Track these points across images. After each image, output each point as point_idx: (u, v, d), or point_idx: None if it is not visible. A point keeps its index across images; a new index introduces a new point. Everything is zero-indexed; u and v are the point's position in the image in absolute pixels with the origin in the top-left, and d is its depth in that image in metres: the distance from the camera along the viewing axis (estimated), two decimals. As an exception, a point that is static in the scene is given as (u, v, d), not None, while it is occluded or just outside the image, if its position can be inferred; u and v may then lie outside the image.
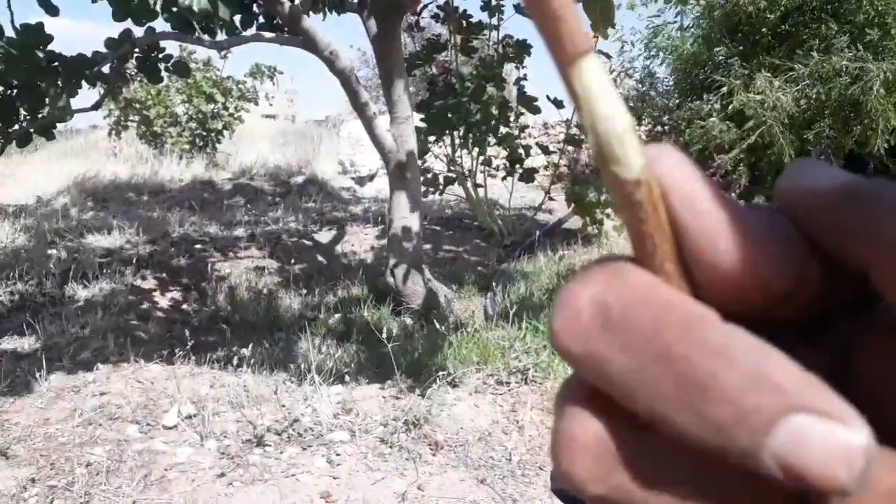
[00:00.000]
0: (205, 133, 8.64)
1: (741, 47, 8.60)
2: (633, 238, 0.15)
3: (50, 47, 3.86)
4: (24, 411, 2.84)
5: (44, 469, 2.40)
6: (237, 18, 4.47)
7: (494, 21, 5.55)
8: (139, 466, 2.43)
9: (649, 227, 0.15)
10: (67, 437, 2.62)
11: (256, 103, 9.37)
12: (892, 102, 6.99)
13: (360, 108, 4.24)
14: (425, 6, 5.39)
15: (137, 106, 8.33)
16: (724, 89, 8.06)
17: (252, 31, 4.52)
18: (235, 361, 3.16)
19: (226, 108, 8.72)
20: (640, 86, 9.94)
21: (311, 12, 4.16)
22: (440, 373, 3.14)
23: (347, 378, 3.09)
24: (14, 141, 4.03)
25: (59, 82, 3.91)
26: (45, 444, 2.57)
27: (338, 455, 2.52)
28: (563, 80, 0.14)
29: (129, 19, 3.90)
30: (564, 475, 0.16)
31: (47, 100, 3.99)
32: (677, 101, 9.09)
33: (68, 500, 2.24)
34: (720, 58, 8.54)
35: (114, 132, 8.79)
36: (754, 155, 8.12)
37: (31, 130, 4.18)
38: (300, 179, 8.23)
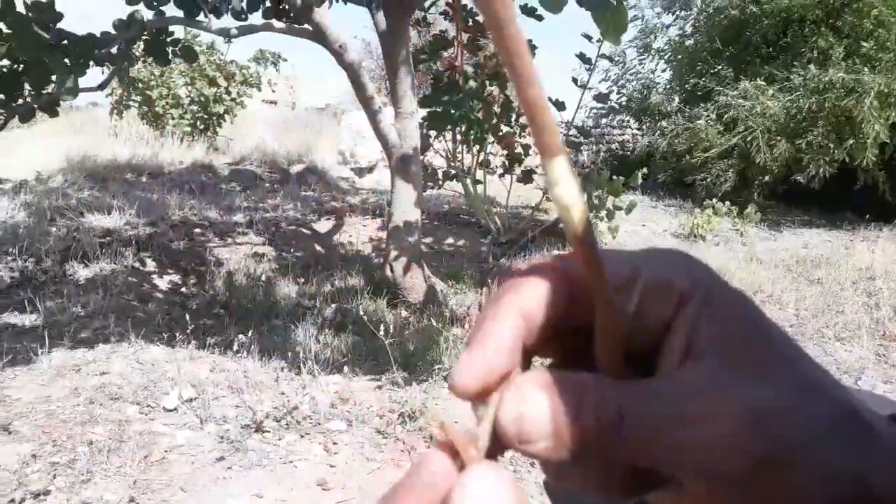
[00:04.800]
0: (206, 116, 8.64)
1: (739, 57, 8.70)
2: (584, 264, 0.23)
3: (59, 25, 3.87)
4: (25, 388, 2.87)
5: (45, 446, 2.44)
6: (244, 3, 4.49)
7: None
8: (140, 447, 2.48)
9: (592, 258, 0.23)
10: (68, 415, 2.66)
11: (259, 89, 9.36)
12: (884, 116, 7.07)
13: (365, 101, 4.28)
14: (434, 2, 5.42)
15: (140, 86, 8.31)
16: (722, 98, 8.16)
17: (258, 15, 4.54)
18: (235, 347, 3.20)
19: (228, 93, 8.71)
20: (642, 90, 10.04)
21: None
22: (436, 367, 3.20)
23: (345, 369, 3.14)
24: (17, 115, 4.05)
25: (66, 61, 3.92)
26: (47, 420, 2.61)
27: (335, 444, 2.58)
28: (543, 169, 0.21)
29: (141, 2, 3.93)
30: None
31: (53, 77, 4.01)
32: (676, 106, 9.18)
33: (70, 477, 2.28)
34: (718, 67, 8.65)
35: (115, 111, 8.77)
36: (744, 161, 8.25)
37: (35, 106, 4.19)
38: (299, 168, 8.25)
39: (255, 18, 4.56)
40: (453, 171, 6.20)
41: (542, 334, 0.24)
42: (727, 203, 7.46)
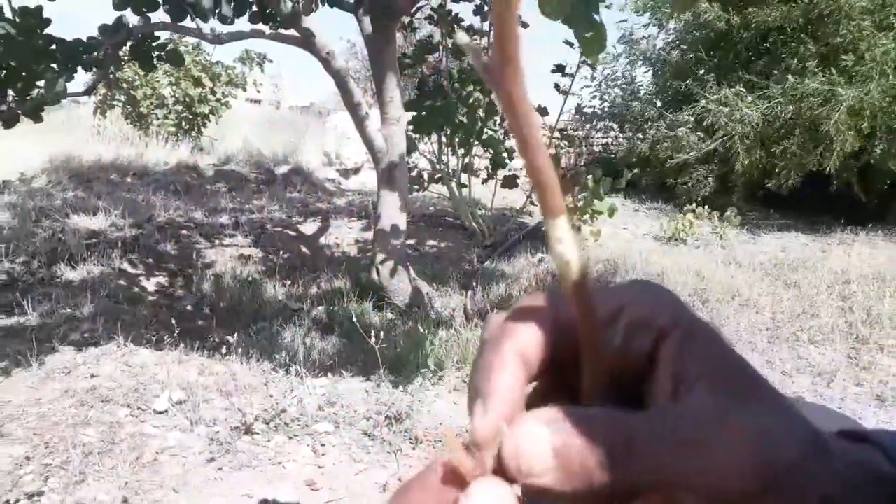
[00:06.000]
0: (191, 117, 8.64)
1: (721, 63, 8.86)
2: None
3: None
4: (14, 389, 2.91)
5: (38, 448, 2.48)
6: (232, 6, 4.52)
7: (486, 27, 5.66)
8: (131, 449, 2.53)
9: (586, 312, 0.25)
10: (60, 418, 2.70)
11: (245, 89, 9.39)
12: (854, 126, 7.25)
13: (352, 107, 4.34)
14: (419, 7, 5.48)
15: (124, 86, 8.30)
16: (702, 102, 8.32)
17: (245, 19, 4.57)
18: (223, 350, 3.25)
19: (213, 93, 8.72)
20: (623, 94, 10.17)
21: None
22: (422, 370, 3.28)
23: (332, 373, 3.20)
24: (1, 122, 4.06)
25: (54, 66, 3.95)
26: (39, 423, 2.65)
27: (322, 445, 2.64)
28: (546, 225, 0.23)
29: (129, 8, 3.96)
30: None
31: (41, 82, 4.03)
32: (658, 111, 9.31)
33: (63, 478, 2.33)
34: (701, 72, 8.79)
35: (99, 111, 8.75)
36: (724, 166, 8.42)
37: (20, 112, 4.21)
38: (285, 168, 8.28)
39: (243, 22, 4.61)
40: (438, 175, 6.27)
41: (536, 372, 0.27)
42: (707, 207, 7.60)
